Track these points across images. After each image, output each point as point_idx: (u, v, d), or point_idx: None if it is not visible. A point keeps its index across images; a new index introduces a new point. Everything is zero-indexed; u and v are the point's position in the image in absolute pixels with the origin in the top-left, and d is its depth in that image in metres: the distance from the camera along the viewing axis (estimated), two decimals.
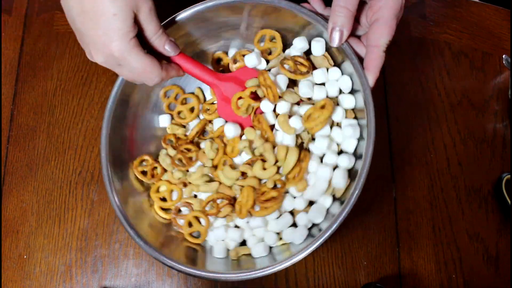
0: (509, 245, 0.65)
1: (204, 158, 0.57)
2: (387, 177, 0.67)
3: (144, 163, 0.59)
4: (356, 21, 0.51)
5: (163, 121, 0.61)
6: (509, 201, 0.65)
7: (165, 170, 0.59)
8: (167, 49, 0.50)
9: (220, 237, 0.56)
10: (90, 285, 0.62)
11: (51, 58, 0.71)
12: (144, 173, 0.58)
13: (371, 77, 0.49)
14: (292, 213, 0.56)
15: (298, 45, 0.57)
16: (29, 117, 0.68)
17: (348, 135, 0.53)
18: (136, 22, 0.45)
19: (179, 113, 0.62)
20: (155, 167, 0.59)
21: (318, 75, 0.55)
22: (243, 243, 0.58)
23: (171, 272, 0.63)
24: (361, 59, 0.51)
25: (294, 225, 0.55)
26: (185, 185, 0.58)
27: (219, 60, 0.63)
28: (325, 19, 0.52)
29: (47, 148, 0.67)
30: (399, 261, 0.64)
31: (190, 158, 0.58)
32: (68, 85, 0.70)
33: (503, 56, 0.72)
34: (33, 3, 0.73)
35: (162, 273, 0.63)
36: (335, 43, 0.50)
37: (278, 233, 0.56)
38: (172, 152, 0.59)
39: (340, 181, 0.52)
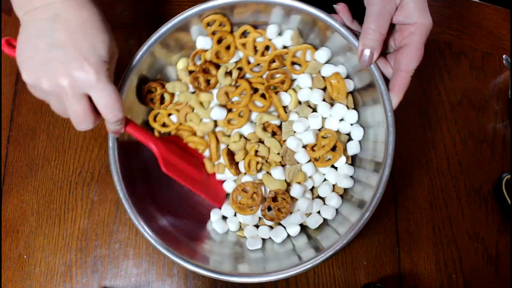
0: (509, 245, 0.65)
1: (222, 98, 0.58)
2: None
3: (151, 90, 0.59)
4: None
5: (203, 42, 0.58)
6: (509, 201, 0.65)
7: (172, 97, 0.60)
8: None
9: (221, 177, 0.60)
10: (90, 285, 0.62)
11: None
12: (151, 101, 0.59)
13: (396, 99, 0.50)
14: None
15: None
16: (29, 117, 0.68)
17: (343, 184, 0.58)
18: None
19: (216, 54, 0.59)
20: (163, 96, 0.59)
21: (338, 109, 0.58)
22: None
23: (171, 272, 0.63)
24: (386, 79, 0.52)
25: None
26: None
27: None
28: (354, 33, 0.52)
29: (47, 148, 0.67)
30: (399, 261, 0.64)
31: (208, 82, 0.58)
32: None
33: (503, 56, 0.72)
34: None
35: (162, 273, 0.63)
36: (364, 64, 0.50)
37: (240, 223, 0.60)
38: (186, 79, 0.59)
39: (313, 223, 0.58)
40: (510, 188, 0.66)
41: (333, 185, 0.59)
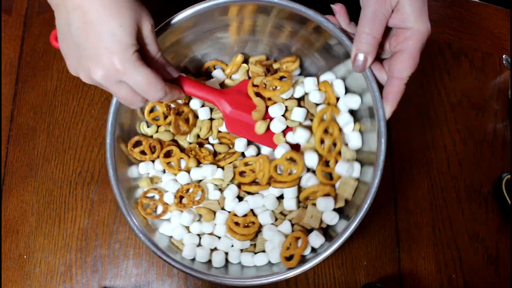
0: (509, 245, 0.65)
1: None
2: (387, 177, 0.67)
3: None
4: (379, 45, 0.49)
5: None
6: (509, 201, 0.65)
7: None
8: (169, 70, 0.49)
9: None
10: (90, 285, 0.62)
11: (51, 58, 0.71)
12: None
13: (389, 108, 0.48)
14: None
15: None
16: (29, 117, 0.68)
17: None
18: (138, 38, 0.44)
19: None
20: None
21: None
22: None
23: (171, 272, 0.63)
24: (380, 85, 0.50)
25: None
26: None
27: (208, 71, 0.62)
28: (349, 37, 0.50)
29: (47, 148, 0.67)
30: (399, 261, 0.64)
31: (187, 120, 0.58)
32: (68, 85, 0.70)
33: (503, 56, 0.72)
34: (33, 3, 0.73)
35: (162, 273, 0.63)
36: (358, 69, 0.48)
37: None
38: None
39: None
40: (510, 188, 0.66)
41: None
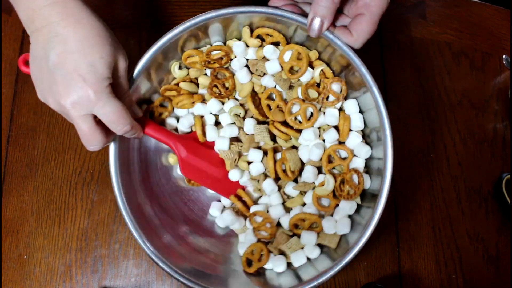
0: (509, 245, 0.65)
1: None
2: None
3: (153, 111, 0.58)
4: (341, 11, 0.51)
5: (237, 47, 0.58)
6: (509, 201, 0.65)
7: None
8: (134, 110, 0.51)
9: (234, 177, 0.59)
10: (90, 285, 0.62)
11: None
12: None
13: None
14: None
15: None
16: (29, 117, 0.68)
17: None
18: (113, 74, 0.46)
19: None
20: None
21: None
22: None
23: None
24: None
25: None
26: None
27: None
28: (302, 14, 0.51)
29: (47, 148, 0.67)
30: (399, 261, 0.64)
31: (225, 86, 0.58)
32: None
33: (503, 56, 0.72)
34: None
35: (162, 273, 0.63)
36: (314, 32, 0.49)
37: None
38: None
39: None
40: (510, 188, 0.66)
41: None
